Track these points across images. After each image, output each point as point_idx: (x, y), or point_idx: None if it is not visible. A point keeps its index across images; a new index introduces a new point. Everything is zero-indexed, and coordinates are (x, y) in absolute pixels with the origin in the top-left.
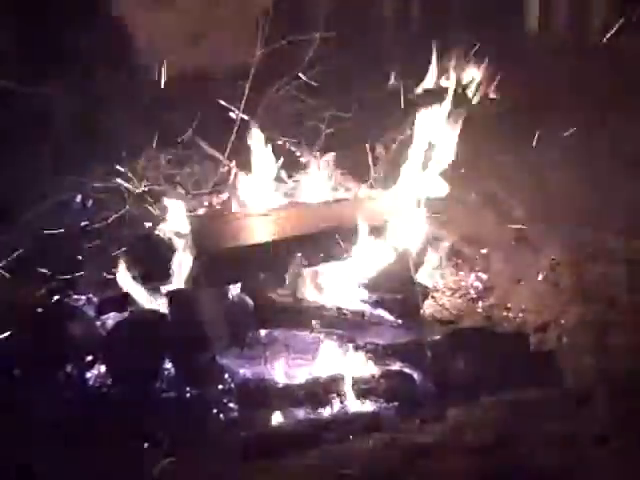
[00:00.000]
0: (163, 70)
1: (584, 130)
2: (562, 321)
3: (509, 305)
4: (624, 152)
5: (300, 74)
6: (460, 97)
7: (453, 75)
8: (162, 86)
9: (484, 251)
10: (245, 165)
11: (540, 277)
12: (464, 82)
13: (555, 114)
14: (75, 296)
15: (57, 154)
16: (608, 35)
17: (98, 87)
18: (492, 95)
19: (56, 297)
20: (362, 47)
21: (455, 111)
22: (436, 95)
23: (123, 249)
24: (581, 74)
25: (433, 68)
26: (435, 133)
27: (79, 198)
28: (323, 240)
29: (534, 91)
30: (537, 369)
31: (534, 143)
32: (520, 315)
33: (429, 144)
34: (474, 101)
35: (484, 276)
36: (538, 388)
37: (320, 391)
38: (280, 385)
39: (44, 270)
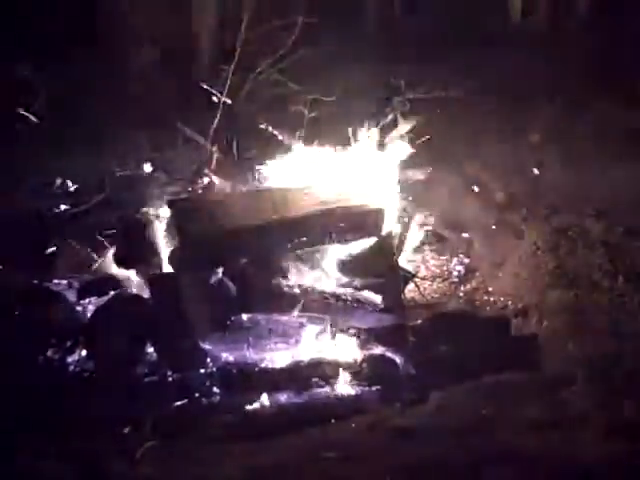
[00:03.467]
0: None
1: (565, 115)
2: (542, 305)
3: (490, 289)
4: (605, 136)
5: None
6: None
7: None
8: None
9: (466, 236)
10: (228, 149)
11: (521, 262)
12: None
13: (537, 100)
14: (56, 280)
15: (37, 137)
16: None
17: (79, 70)
18: None
19: (37, 281)
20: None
21: None
22: None
23: (105, 233)
24: (562, 60)
25: None
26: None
27: (59, 181)
28: (307, 224)
29: (517, 78)
30: (518, 353)
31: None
32: (501, 299)
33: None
34: None
35: (466, 261)
36: (519, 371)
37: (303, 375)
38: (263, 369)
39: (25, 254)
